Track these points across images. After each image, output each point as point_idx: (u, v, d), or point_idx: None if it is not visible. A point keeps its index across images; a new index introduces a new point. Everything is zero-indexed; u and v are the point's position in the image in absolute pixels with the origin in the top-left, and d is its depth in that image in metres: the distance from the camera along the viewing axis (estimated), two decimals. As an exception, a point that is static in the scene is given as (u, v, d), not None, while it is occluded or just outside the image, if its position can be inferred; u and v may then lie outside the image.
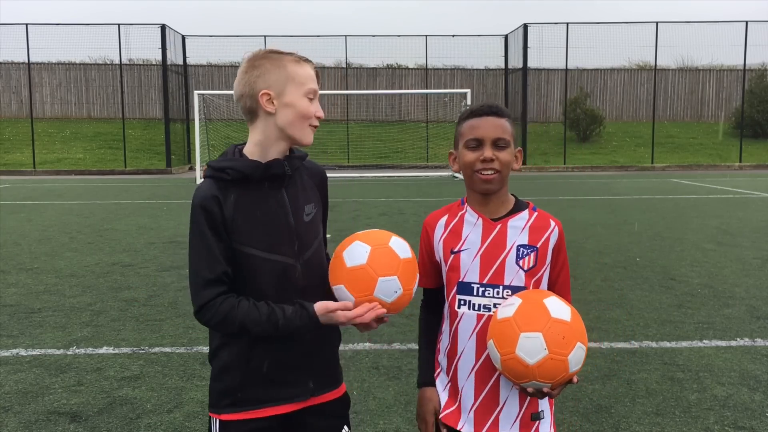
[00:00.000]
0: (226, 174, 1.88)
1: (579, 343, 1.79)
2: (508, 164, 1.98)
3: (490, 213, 2.03)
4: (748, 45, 26.86)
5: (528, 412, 1.98)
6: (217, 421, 1.95)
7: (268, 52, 1.91)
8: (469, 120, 2.01)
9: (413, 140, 29.03)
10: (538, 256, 1.98)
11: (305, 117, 1.92)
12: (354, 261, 1.88)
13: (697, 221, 11.25)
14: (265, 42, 28.68)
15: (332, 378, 2.07)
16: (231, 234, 1.87)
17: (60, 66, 30.53)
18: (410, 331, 5.30)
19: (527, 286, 1.96)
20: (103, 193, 17.31)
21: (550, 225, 2.01)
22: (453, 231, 2.08)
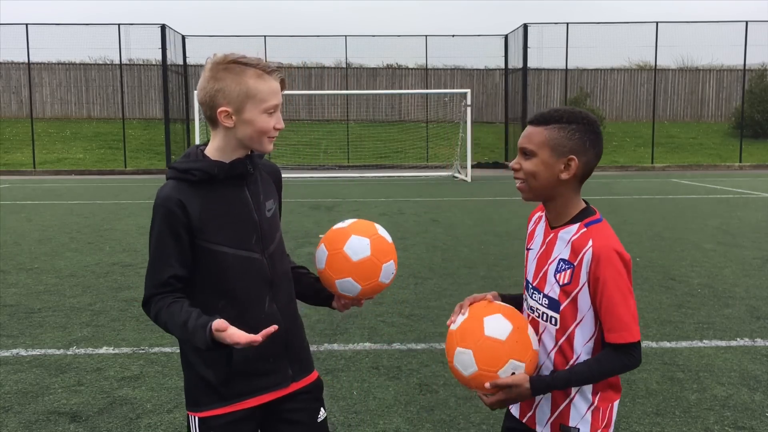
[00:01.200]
0: (192, 175, 1.93)
1: (512, 361, 1.88)
2: (533, 174, 1.92)
3: (552, 219, 2.00)
4: (748, 45, 26.86)
5: (558, 420, 1.96)
6: (196, 419, 1.99)
7: (231, 62, 1.91)
8: None
9: (413, 140, 29.03)
10: (574, 274, 1.90)
11: (263, 133, 1.95)
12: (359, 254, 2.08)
13: (697, 221, 11.26)
14: (265, 42, 28.69)
15: (307, 363, 2.16)
16: (198, 233, 1.92)
17: (60, 66, 30.52)
18: (410, 331, 5.30)
19: (561, 301, 1.93)
20: (103, 193, 17.32)
21: (586, 244, 1.88)
22: (533, 229, 2.13)
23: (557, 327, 1.95)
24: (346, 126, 29.11)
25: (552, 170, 1.91)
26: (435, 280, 7.04)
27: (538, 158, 1.92)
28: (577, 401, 1.96)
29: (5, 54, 28.31)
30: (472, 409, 3.89)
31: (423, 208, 13.51)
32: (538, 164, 1.92)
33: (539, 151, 1.92)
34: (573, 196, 1.96)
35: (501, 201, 14.86)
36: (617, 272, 1.87)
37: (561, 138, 1.90)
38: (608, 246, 1.88)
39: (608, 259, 1.86)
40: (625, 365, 1.91)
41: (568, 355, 1.94)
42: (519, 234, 9.94)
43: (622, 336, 1.86)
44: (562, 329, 1.94)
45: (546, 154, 1.91)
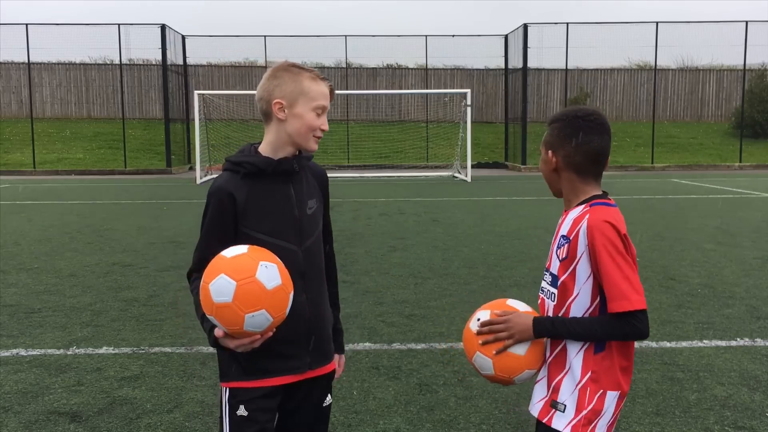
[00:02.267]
0: (243, 167, 2.14)
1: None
2: (541, 170, 2.23)
3: (565, 206, 2.18)
4: (748, 45, 26.85)
5: (550, 398, 2.07)
6: (227, 390, 2.15)
7: (290, 66, 2.16)
8: None
9: (413, 140, 29.03)
10: (569, 248, 2.03)
11: (310, 129, 2.15)
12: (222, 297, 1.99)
13: (697, 221, 11.26)
14: (265, 42, 28.70)
15: (326, 354, 2.28)
16: (242, 220, 2.12)
17: (60, 66, 30.52)
18: (410, 331, 5.30)
19: (559, 276, 2.05)
20: (103, 193, 17.32)
21: (584, 218, 2.02)
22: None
23: (555, 303, 2.08)
24: (346, 126, 29.11)
25: (548, 165, 2.16)
26: (435, 280, 7.04)
27: (541, 157, 2.20)
28: (567, 378, 2.04)
29: (5, 54, 28.32)
30: (472, 409, 3.89)
31: (423, 208, 13.51)
32: (540, 162, 2.22)
33: (542, 150, 2.19)
34: (577, 185, 2.12)
35: (501, 201, 14.85)
36: (609, 241, 1.94)
37: (548, 136, 2.15)
38: (601, 218, 1.98)
39: (600, 229, 1.95)
40: (626, 334, 1.96)
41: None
42: (519, 234, 9.94)
43: (621, 305, 1.91)
44: (559, 304, 2.06)
45: (543, 152, 2.17)
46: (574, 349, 2.02)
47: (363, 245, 8.98)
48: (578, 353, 2.02)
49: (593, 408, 1.99)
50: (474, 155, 23.81)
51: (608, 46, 27.93)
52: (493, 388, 4.16)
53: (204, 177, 20.91)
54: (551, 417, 2.03)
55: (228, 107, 25.90)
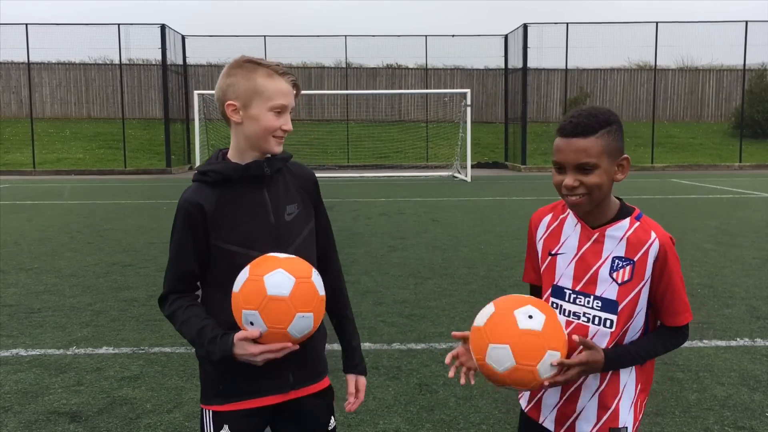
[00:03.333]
0: (208, 177, 2.00)
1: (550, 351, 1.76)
2: (599, 186, 1.84)
3: (591, 220, 1.94)
4: (748, 45, 26.85)
5: (606, 425, 1.92)
6: (210, 412, 2.04)
7: (245, 62, 1.99)
8: (556, 138, 1.90)
9: (413, 140, 29.03)
10: (635, 270, 1.87)
11: (268, 131, 1.98)
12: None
13: (697, 221, 11.26)
14: (265, 42, 28.68)
15: (314, 371, 2.11)
16: (212, 232, 1.97)
17: (60, 66, 30.52)
18: (410, 331, 5.30)
19: (619, 300, 1.88)
20: (103, 193, 17.32)
21: (650, 237, 1.88)
22: (554, 232, 2.04)
23: (613, 329, 1.90)
24: (346, 126, 29.11)
25: (611, 176, 1.87)
26: (435, 280, 7.04)
27: (600, 169, 1.84)
28: (624, 398, 1.94)
29: (5, 54, 28.30)
30: (472, 409, 3.89)
31: (423, 208, 13.51)
32: (602, 174, 1.85)
33: (601, 162, 1.84)
34: (611, 196, 1.95)
35: (501, 201, 14.85)
36: (678, 259, 1.92)
37: (612, 141, 1.85)
38: (667, 235, 1.92)
39: (671, 247, 1.90)
40: (679, 344, 1.98)
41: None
42: (519, 234, 9.93)
43: (686, 317, 1.92)
44: (617, 331, 1.90)
45: (606, 162, 1.85)
46: (627, 369, 1.93)
47: (363, 245, 8.98)
48: (632, 371, 1.95)
49: (641, 416, 1.99)
50: (474, 155, 23.81)
51: (608, 46, 27.94)
52: (493, 388, 4.16)
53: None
54: None
55: (228, 107, 25.85)
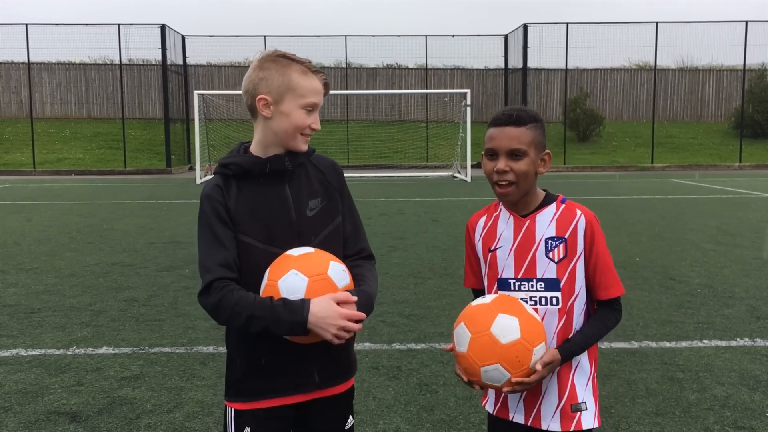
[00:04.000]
0: (229, 169, 1.97)
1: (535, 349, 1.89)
2: (526, 174, 1.99)
3: (520, 210, 2.07)
4: (748, 45, 26.88)
5: (568, 404, 2.01)
6: (232, 410, 2.01)
7: (278, 56, 1.95)
8: (489, 129, 2.04)
9: (413, 140, 29.04)
10: (567, 246, 2.00)
11: (298, 128, 1.96)
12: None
13: (697, 221, 11.25)
14: (264, 42, 28.68)
15: (340, 371, 2.07)
16: (234, 224, 1.93)
17: (60, 66, 30.53)
18: (410, 331, 5.30)
19: (560, 277, 2.00)
20: (103, 193, 17.32)
21: (576, 215, 2.02)
22: (490, 230, 2.14)
23: (559, 306, 2.01)
24: (346, 126, 29.12)
25: (535, 167, 2.02)
26: (435, 280, 7.04)
27: (529, 158, 1.99)
28: (579, 375, 2.03)
29: (5, 54, 28.33)
30: (472, 409, 3.89)
31: (423, 208, 13.51)
32: (529, 163, 2.00)
33: (529, 150, 1.99)
34: (536, 186, 2.08)
35: (501, 201, 14.84)
36: (602, 233, 2.06)
37: (539, 135, 2.02)
38: (592, 214, 2.06)
39: (597, 222, 2.04)
40: (617, 319, 2.08)
41: (568, 331, 2.02)
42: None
43: (617, 290, 2.04)
44: (563, 306, 2.01)
45: (533, 152, 2.00)
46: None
47: (363, 245, 8.95)
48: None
49: (598, 392, 2.08)
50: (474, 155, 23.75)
51: (608, 46, 27.96)
52: (493, 388, 4.16)
53: (204, 177, 20.91)
54: (579, 420, 2.00)
55: (228, 107, 25.89)
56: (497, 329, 1.87)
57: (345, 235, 2.09)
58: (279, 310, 1.81)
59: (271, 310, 1.81)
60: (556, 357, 1.94)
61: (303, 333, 1.83)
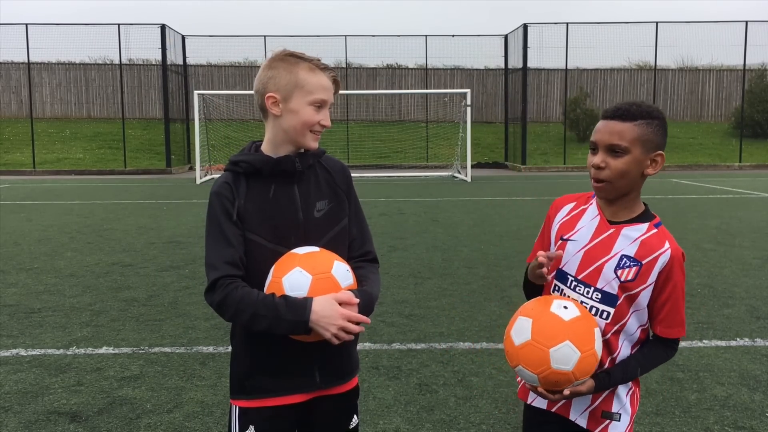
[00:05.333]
0: (239, 167, 1.99)
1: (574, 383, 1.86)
2: (623, 173, 1.89)
3: (611, 215, 1.99)
4: (748, 45, 26.86)
5: (600, 407, 1.98)
6: (237, 408, 2.02)
7: (287, 55, 1.98)
8: (599, 122, 1.96)
9: (413, 140, 29.03)
10: (641, 272, 1.91)
11: (307, 125, 1.98)
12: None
13: (697, 221, 11.26)
14: (264, 42, 28.69)
15: (342, 371, 2.08)
16: (242, 223, 1.95)
17: (60, 66, 30.52)
18: (410, 331, 5.30)
19: (619, 296, 1.93)
20: (103, 193, 17.32)
21: (663, 246, 1.93)
22: (571, 219, 2.07)
23: (608, 321, 1.95)
24: (346, 126, 29.11)
25: (640, 167, 1.91)
26: (435, 280, 7.04)
27: (630, 155, 1.89)
28: (620, 388, 2.00)
29: (5, 54, 28.32)
30: (472, 409, 3.89)
31: (423, 208, 13.51)
32: (630, 162, 1.89)
33: (632, 148, 1.88)
34: (640, 192, 1.99)
35: (501, 201, 14.85)
36: (684, 275, 1.98)
37: (650, 134, 1.89)
38: (680, 250, 1.96)
39: (681, 262, 1.95)
40: (669, 356, 2.03)
41: (613, 348, 1.97)
42: (519, 234, 9.94)
43: (680, 332, 1.98)
44: (612, 323, 1.95)
45: (638, 150, 1.89)
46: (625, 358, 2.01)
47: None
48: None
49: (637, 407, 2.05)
50: (474, 155, 23.84)
51: (608, 46, 27.94)
52: (493, 388, 4.16)
53: (204, 177, 20.91)
54: (606, 427, 1.99)
55: (228, 107, 25.90)
56: (557, 354, 1.82)
57: (351, 238, 2.10)
58: (282, 309, 1.82)
59: (273, 308, 1.83)
60: (590, 386, 1.91)
61: (305, 332, 1.84)
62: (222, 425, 3.68)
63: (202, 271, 2.01)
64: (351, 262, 2.03)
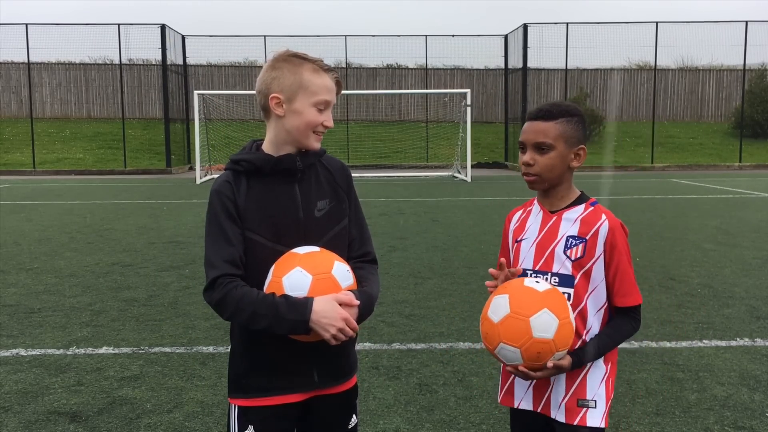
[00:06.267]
0: (240, 165, 1.99)
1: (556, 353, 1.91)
2: (550, 167, 2.05)
3: (550, 205, 2.14)
4: (748, 45, 26.86)
5: (574, 398, 2.04)
6: (236, 408, 2.01)
7: (290, 55, 1.98)
8: (525, 123, 2.11)
9: (413, 140, 29.04)
10: (587, 247, 2.04)
11: (310, 126, 1.98)
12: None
13: (697, 221, 11.25)
14: (264, 42, 28.69)
15: (340, 371, 2.08)
16: (242, 220, 1.95)
17: (60, 66, 30.53)
18: (410, 331, 5.30)
19: (574, 275, 2.04)
20: (103, 193, 17.31)
21: (600, 218, 2.06)
22: (521, 223, 2.22)
23: (570, 302, 2.02)
24: (346, 126, 29.11)
25: (565, 161, 2.07)
26: (435, 280, 7.04)
27: (555, 151, 2.05)
28: (592, 373, 2.05)
29: (5, 54, 28.32)
30: (472, 409, 3.89)
31: (423, 208, 13.51)
32: (555, 157, 2.05)
33: (557, 144, 2.05)
34: (571, 182, 2.14)
35: (501, 201, 14.85)
36: (626, 242, 2.09)
37: (571, 130, 2.06)
38: (617, 220, 2.09)
39: (620, 230, 2.07)
40: (634, 328, 2.09)
41: (581, 328, 2.04)
42: (519, 234, 9.93)
43: (634, 298, 2.06)
44: (575, 303, 2.03)
45: (562, 146, 2.05)
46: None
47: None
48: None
49: (613, 394, 2.10)
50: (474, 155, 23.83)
51: (608, 46, 27.94)
52: (493, 388, 4.16)
53: (204, 177, 20.90)
54: (584, 416, 2.03)
55: (228, 107, 25.90)
56: (536, 322, 1.87)
57: (350, 238, 2.10)
58: (282, 308, 1.82)
59: (274, 307, 1.83)
60: (569, 362, 1.97)
61: (305, 332, 1.84)
62: (222, 425, 3.68)
63: (202, 271, 2.00)
64: (350, 263, 2.03)
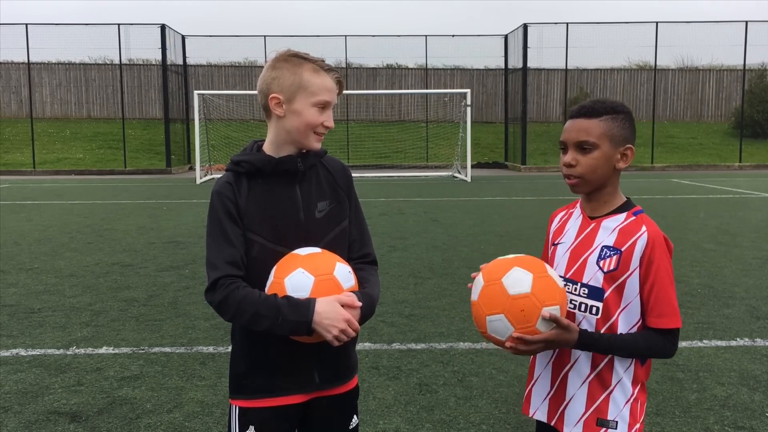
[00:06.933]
0: (241, 167, 1.98)
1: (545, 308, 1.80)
2: (593, 168, 1.92)
3: (591, 210, 2.01)
4: (748, 45, 26.85)
5: (594, 415, 1.93)
6: (236, 408, 2.01)
7: (291, 55, 1.97)
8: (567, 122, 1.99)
9: (413, 140, 29.03)
10: (621, 260, 1.89)
11: (310, 126, 1.97)
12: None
13: (697, 221, 11.26)
14: (264, 42, 28.68)
15: (341, 371, 2.08)
16: (243, 221, 1.95)
17: (60, 66, 30.52)
18: (410, 331, 5.30)
19: (605, 288, 1.90)
20: (103, 193, 17.31)
21: (640, 230, 1.90)
22: (561, 225, 2.11)
23: (598, 316, 1.91)
24: (346, 126, 29.11)
25: (610, 162, 1.94)
26: (435, 280, 7.04)
27: (599, 151, 1.92)
28: (617, 393, 1.93)
29: (5, 54, 28.31)
30: (472, 409, 3.89)
31: (423, 208, 13.51)
32: (599, 157, 1.92)
33: (601, 143, 1.92)
34: (617, 186, 2.00)
35: (501, 201, 14.85)
36: (668, 259, 1.91)
37: (616, 128, 1.92)
38: (660, 233, 1.92)
39: (661, 245, 1.90)
40: (666, 351, 1.92)
41: None
42: (519, 234, 9.94)
43: (672, 321, 1.88)
44: (604, 318, 1.91)
45: (607, 145, 1.92)
46: (624, 364, 1.93)
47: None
48: (629, 368, 1.94)
49: (641, 419, 1.96)
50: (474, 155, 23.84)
51: (608, 46, 27.94)
52: (493, 388, 4.16)
53: (204, 177, 20.90)
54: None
55: (228, 107, 25.90)
56: (508, 280, 1.82)
57: (351, 239, 2.10)
58: (284, 309, 1.82)
59: (276, 308, 1.83)
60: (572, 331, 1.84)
61: (307, 333, 1.84)
62: (222, 425, 3.68)
63: (202, 271, 2.01)
64: (350, 264, 2.03)
